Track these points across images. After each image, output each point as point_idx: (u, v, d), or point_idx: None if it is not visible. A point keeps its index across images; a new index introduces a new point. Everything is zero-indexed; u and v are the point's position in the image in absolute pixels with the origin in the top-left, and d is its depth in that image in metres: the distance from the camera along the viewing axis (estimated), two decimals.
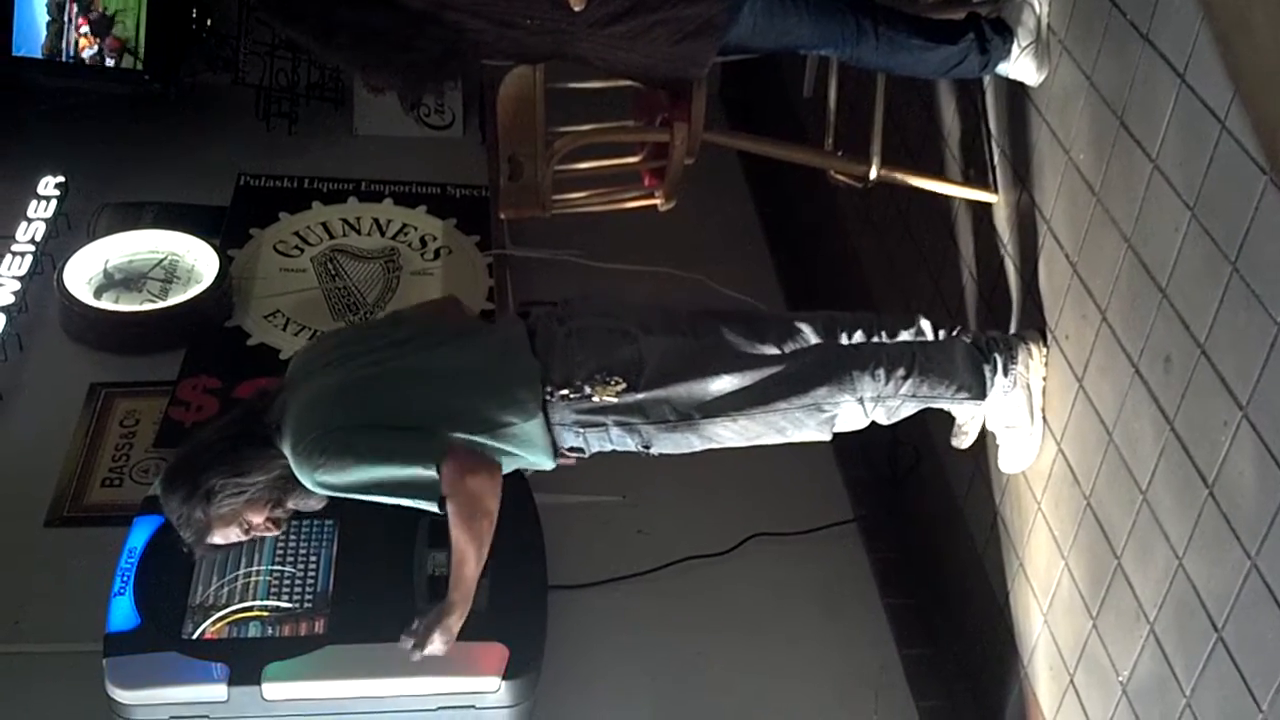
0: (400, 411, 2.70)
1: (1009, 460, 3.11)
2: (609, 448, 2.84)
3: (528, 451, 2.78)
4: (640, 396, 2.77)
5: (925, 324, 3.04)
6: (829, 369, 2.87)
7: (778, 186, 5.11)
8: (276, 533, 2.86)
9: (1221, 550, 2.34)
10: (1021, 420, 3.00)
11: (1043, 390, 3.00)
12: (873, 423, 2.94)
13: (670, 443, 2.84)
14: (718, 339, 2.88)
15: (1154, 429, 2.56)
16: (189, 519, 2.73)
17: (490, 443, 2.73)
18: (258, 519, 2.78)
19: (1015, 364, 2.96)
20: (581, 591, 3.63)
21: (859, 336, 2.97)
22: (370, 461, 2.63)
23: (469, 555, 2.69)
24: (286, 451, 2.70)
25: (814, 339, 2.94)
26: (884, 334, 3.00)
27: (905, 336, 3.01)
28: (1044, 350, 2.99)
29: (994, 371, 2.95)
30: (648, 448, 2.83)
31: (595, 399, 2.74)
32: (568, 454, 2.85)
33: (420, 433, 2.67)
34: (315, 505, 2.82)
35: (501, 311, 4.42)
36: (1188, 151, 2.44)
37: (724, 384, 2.81)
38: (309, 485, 2.69)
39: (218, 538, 2.77)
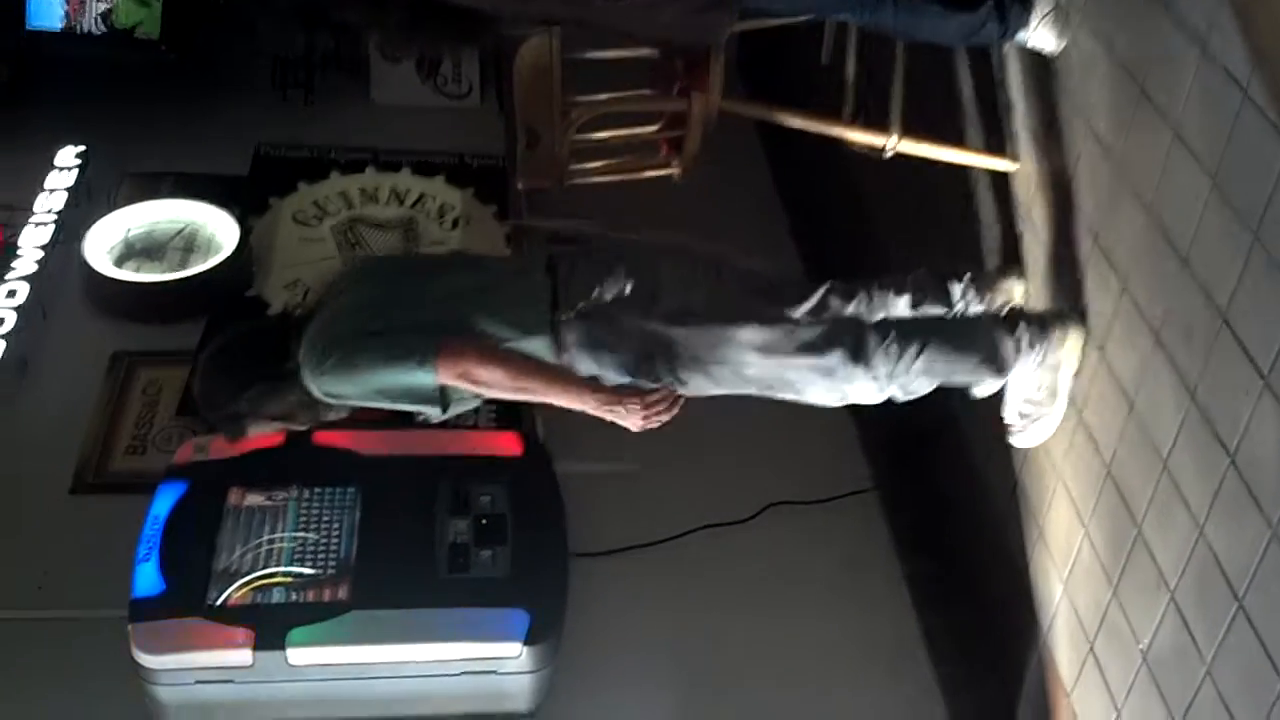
0: (406, 325, 2.72)
1: (1023, 436, 3.10)
2: (625, 379, 2.81)
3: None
4: (654, 326, 2.79)
5: (955, 289, 3.04)
6: (844, 338, 2.86)
7: (795, 156, 5.10)
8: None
9: (1242, 519, 2.35)
10: (1043, 399, 2.99)
11: (1074, 375, 2.95)
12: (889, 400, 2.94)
13: (682, 384, 2.82)
14: (739, 288, 2.92)
15: (1175, 398, 2.57)
16: (228, 429, 2.87)
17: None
18: (292, 427, 2.93)
19: (1046, 340, 2.91)
20: (602, 559, 3.65)
21: (879, 295, 2.98)
22: (372, 367, 2.67)
23: (535, 394, 2.72)
24: (302, 357, 2.74)
25: (834, 300, 2.95)
26: (898, 283, 3.02)
27: (919, 280, 3.02)
28: (1080, 332, 2.92)
29: (1018, 347, 2.91)
30: (658, 380, 2.81)
31: (614, 315, 2.77)
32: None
33: (420, 335, 2.68)
34: (343, 414, 2.89)
35: None
36: (1209, 120, 2.43)
37: (740, 334, 2.81)
38: (317, 394, 2.74)
39: (254, 435, 2.92)
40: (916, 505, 3.94)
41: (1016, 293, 3.10)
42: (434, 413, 2.74)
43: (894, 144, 3.23)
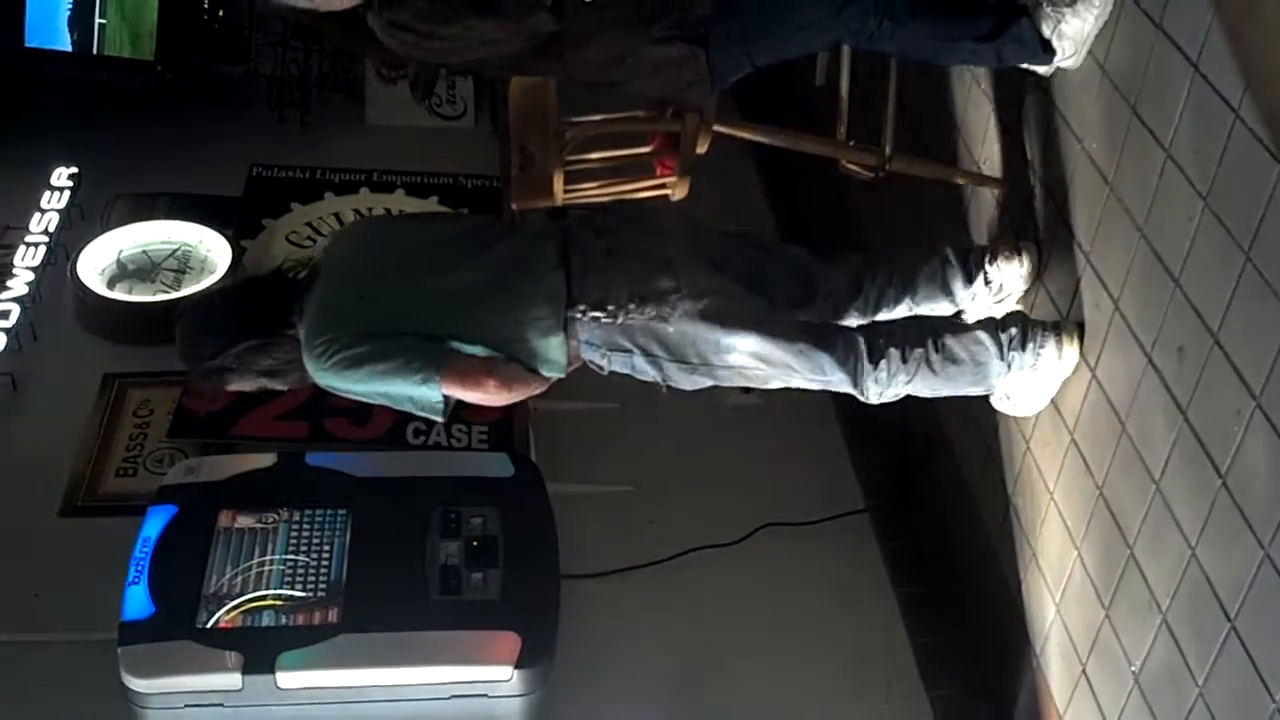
0: (409, 328, 2.74)
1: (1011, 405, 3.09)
2: (627, 371, 2.86)
3: (539, 364, 2.80)
4: (671, 329, 2.78)
5: (950, 253, 3.10)
6: (839, 344, 2.88)
7: (789, 177, 5.10)
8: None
9: (1234, 540, 2.34)
10: (1024, 398, 3.02)
11: (1060, 381, 2.96)
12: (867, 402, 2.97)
13: (687, 381, 2.87)
14: (746, 288, 2.94)
15: (1167, 419, 2.56)
16: (208, 382, 2.91)
17: (500, 355, 2.78)
18: (275, 386, 2.91)
19: (1042, 346, 2.90)
20: (593, 581, 3.64)
21: (884, 284, 3.08)
22: (373, 374, 2.70)
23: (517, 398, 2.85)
24: (301, 341, 2.76)
25: (844, 298, 3.07)
26: (904, 278, 3.09)
27: (925, 276, 3.08)
28: (1075, 342, 2.91)
29: (1008, 366, 2.91)
30: (665, 381, 2.87)
31: (627, 321, 2.76)
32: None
33: (426, 345, 2.72)
34: None
35: None
36: (1201, 140, 2.43)
37: (751, 342, 2.82)
38: (318, 382, 2.78)
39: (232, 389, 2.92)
40: (909, 526, 3.93)
41: (1021, 275, 3.08)
42: (436, 419, 2.80)
43: (886, 164, 3.24)
